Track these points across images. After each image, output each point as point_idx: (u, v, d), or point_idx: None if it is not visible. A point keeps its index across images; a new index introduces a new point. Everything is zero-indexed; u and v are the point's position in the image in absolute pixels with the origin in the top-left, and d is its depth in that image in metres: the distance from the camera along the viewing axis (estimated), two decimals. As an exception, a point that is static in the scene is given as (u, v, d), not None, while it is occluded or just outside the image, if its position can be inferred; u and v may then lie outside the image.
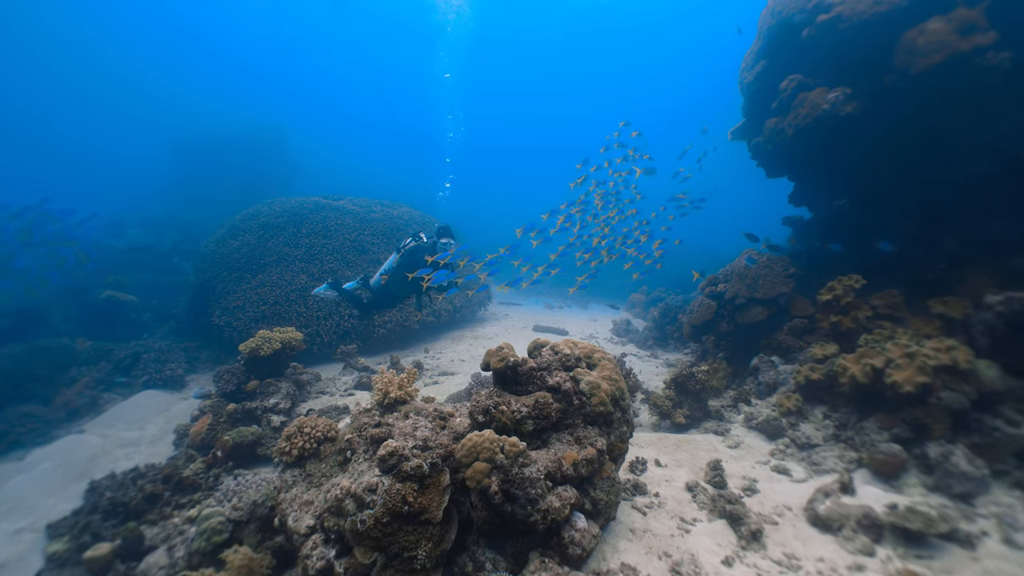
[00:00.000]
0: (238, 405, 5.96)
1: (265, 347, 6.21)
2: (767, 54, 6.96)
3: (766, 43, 6.90)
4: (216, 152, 23.95)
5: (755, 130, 7.65)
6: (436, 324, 10.60)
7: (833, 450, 4.93)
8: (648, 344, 10.03)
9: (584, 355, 3.62)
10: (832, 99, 5.92)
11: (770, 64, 6.91)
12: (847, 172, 6.41)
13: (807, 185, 7.34)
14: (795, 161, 6.79)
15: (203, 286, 10.20)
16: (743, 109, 8.23)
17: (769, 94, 6.93)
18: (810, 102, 6.10)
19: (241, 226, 10.77)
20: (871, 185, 6.40)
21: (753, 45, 7.47)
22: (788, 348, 6.38)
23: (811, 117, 6.07)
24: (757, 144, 7.34)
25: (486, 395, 3.23)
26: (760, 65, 7.04)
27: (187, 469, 5.20)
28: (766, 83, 7.03)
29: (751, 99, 7.48)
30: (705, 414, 5.85)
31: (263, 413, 5.92)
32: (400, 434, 3.21)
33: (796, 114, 6.27)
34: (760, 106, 7.31)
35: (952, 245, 5.99)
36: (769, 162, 7.31)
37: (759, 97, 7.26)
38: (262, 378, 6.43)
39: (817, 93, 6.07)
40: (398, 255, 7.25)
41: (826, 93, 6.02)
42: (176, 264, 15.96)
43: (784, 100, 6.55)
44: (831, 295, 5.95)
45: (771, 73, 6.91)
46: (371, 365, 8.46)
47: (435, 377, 7.61)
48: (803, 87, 6.34)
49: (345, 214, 11.08)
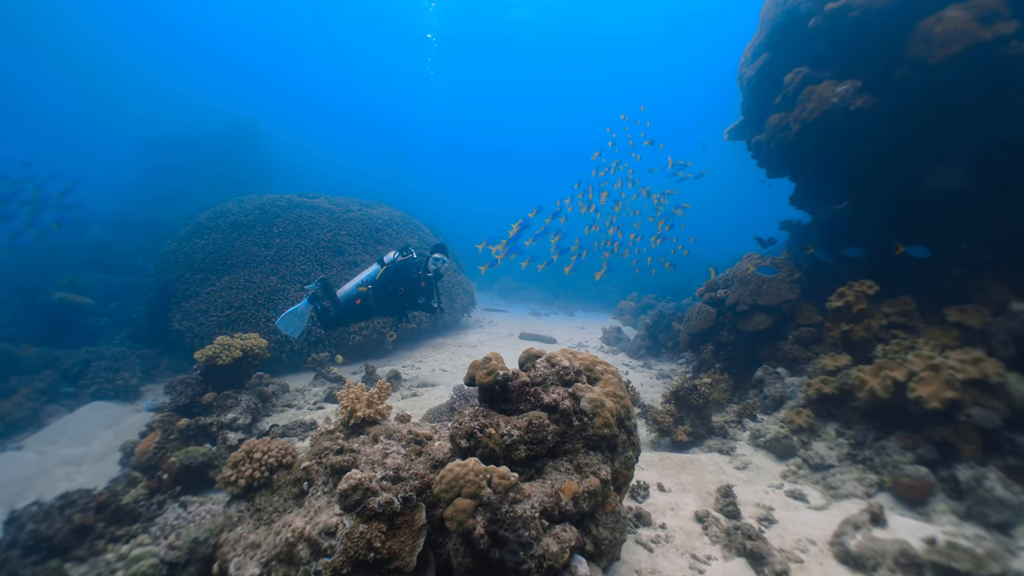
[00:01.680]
0: (191, 420, 5.33)
1: (223, 355, 5.59)
2: (770, 46, 6.59)
3: (769, 35, 6.53)
4: (188, 147, 23.04)
5: (756, 127, 7.27)
6: (416, 331, 10.02)
7: (851, 472, 4.49)
8: (640, 353, 9.58)
9: (585, 367, 3.12)
10: (842, 92, 5.55)
11: (773, 57, 6.53)
12: (855, 171, 6.04)
13: (811, 186, 6.97)
14: (799, 160, 6.41)
15: (163, 288, 9.48)
16: (742, 106, 7.86)
17: (772, 89, 6.56)
18: (818, 96, 5.73)
19: (207, 224, 10.09)
20: (880, 185, 6.05)
21: (754, 38, 7.11)
22: (794, 359, 5.96)
23: (819, 112, 5.69)
24: (758, 142, 6.96)
25: (470, 415, 2.70)
26: (762, 58, 6.67)
27: (127, 495, 4.58)
28: (768, 77, 6.65)
29: (751, 95, 7.11)
30: (708, 431, 5.39)
31: (219, 430, 5.29)
32: (367, 462, 2.66)
33: (802, 109, 5.89)
34: (761, 102, 6.94)
35: (966, 250, 5.64)
36: (771, 161, 6.93)
37: (760, 92, 6.89)
38: (220, 389, 5.80)
39: (825, 86, 5.70)
40: (382, 267, 6.76)
41: (835, 86, 5.65)
42: (140, 265, 15.12)
43: (789, 94, 6.17)
44: (842, 302, 5.54)
45: (774, 67, 6.54)
46: (344, 375, 7.85)
47: (414, 389, 7.04)
48: (809, 80, 5.97)
49: (320, 213, 10.47)
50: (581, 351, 3.26)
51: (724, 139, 8.77)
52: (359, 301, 6.70)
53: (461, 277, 12.80)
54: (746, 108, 7.66)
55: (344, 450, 2.71)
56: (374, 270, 6.84)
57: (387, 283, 6.69)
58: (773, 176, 7.38)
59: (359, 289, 6.71)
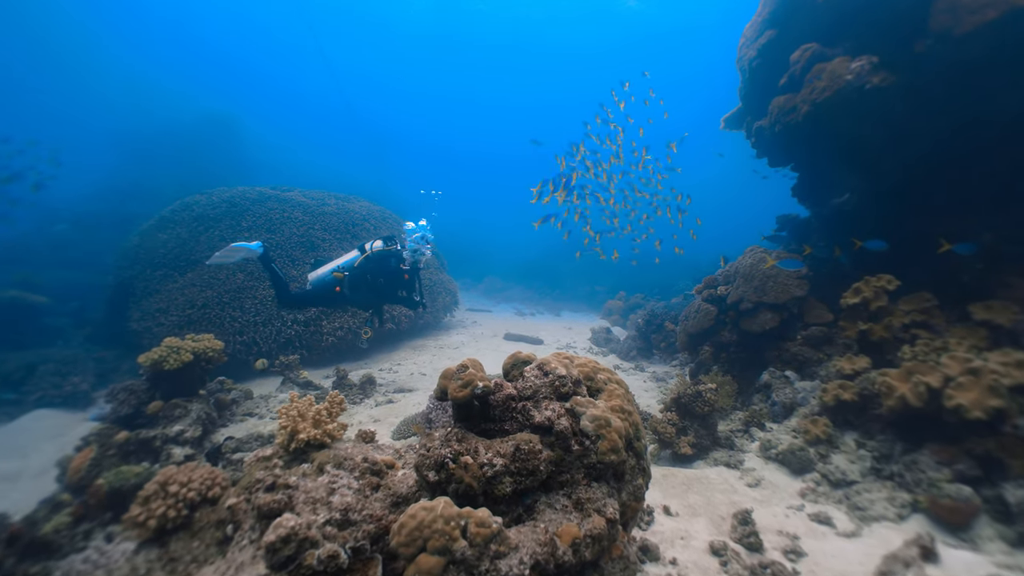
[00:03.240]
0: (131, 433, 4.68)
1: (171, 359, 4.95)
2: (775, 22, 6.09)
3: (775, 10, 6.04)
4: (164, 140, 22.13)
5: (756, 113, 6.78)
6: (395, 332, 9.39)
7: (878, 490, 3.98)
8: (632, 355, 9.06)
9: (584, 376, 2.55)
10: (857, 69, 5.05)
11: (780, 34, 6.04)
12: (869, 157, 5.57)
13: (818, 175, 6.50)
14: (807, 145, 5.92)
15: (122, 286, 8.77)
16: (740, 92, 7.37)
17: (776, 69, 6.06)
18: (829, 73, 5.23)
19: (172, 218, 9.38)
20: (894, 173, 5.58)
21: (756, 16, 6.61)
22: (804, 361, 5.46)
23: (831, 90, 5.20)
24: (759, 128, 6.47)
25: (441, 439, 2.13)
26: (766, 36, 6.17)
27: (49, 523, 3.93)
28: (772, 57, 6.16)
29: (753, 77, 6.61)
30: (714, 442, 4.86)
31: (163, 444, 4.65)
32: (307, 501, 2.07)
33: (812, 88, 5.39)
34: (763, 84, 6.45)
35: (990, 241, 5.18)
36: (773, 148, 6.44)
37: (763, 74, 6.39)
38: (170, 397, 5.15)
39: (838, 63, 5.21)
40: (362, 255, 6.18)
41: (849, 62, 5.16)
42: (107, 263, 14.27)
43: (796, 74, 5.68)
44: (858, 298, 5.05)
45: (779, 44, 6.04)
46: (316, 379, 7.22)
47: (389, 394, 6.44)
48: (819, 58, 5.47)
49: (294, 206, 9.79)
50: (579, 355, 2.70)
51: (720, 128, 8.27)
52: (338, 288, 6.12)
53: (443, 275, 12.20)
54: (745, 93, 7.17)
55: (277, 486, 2.11)
56: (354, 257, 6.26)
57: (366, 272, 6.16)
58: (775, 165, 6.89)
59: (334, 275, 6.10)
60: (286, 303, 6.23)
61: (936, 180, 5.44)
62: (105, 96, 37.71)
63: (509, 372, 2.52)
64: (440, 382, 2.30)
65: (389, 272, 6.26)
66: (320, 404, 2.53)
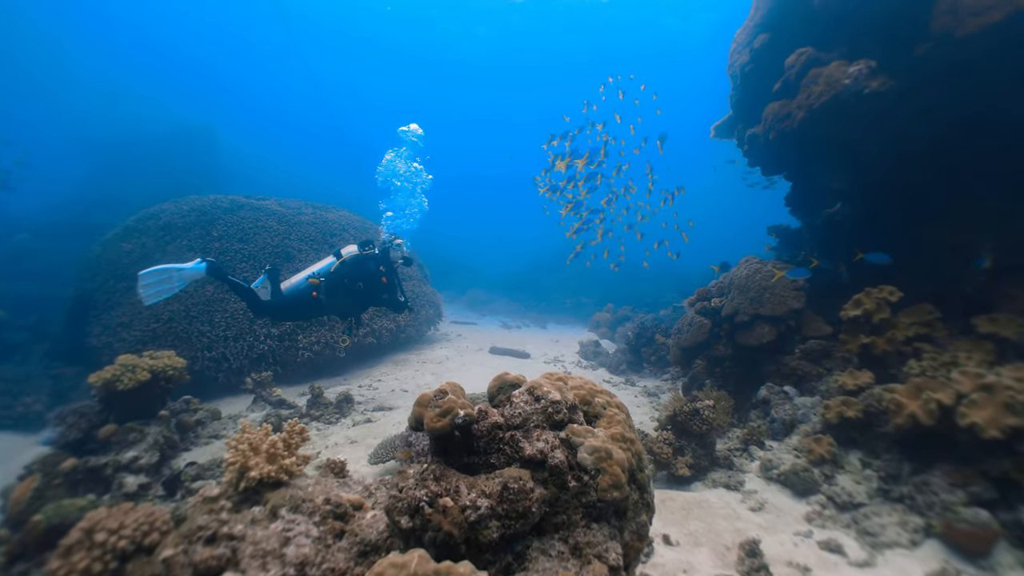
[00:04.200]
0: (80, 461, 4.26)
1: (126, 378, 4.54)
2: (769, 26, 5.95)
3: (768, 13, 5.90)
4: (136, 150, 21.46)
5: (748, 120, 6.63)
6: (376, 346, 9.00)
7: (887, 513, 3.73)
8: (621, 368, 8.79)
9: (580, 400, 2.26)
10: (855, 73, 4.90)
11: (773, 39, 5.89)
12: (867, 164, 5.42)
13: (813, 183, 6.33)
14: (802, 153, 5.76)
15: (82, 298, 8.28)
16: (731, 99, 7.23)
17: (769, 74, 5.92)
18: (826, 78, 5.08)
19: (137, 227, 8.92)
20: (894, 180, 5.43)
21: (748, 20, 6.48)
22: (803, 376, 5.23)
23: (828, 95, 5.04)
24: (752, 136, 6.30)
25: (416, 478, 1.81)
26: (759, 40, 6.03)
27: (-22, 564, 3.51)
28: (765, 62, 6.01)
29: (745, 83, 6.45)
30: (712, 462, 4.58)
31: (115, 472, 4.23)
32: (255, 555, 1.73)
33: (808, 93, 5.23)
34: (756, 90, 6.30)
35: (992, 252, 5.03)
36: (767, 155, 6.27)
37: (755, 80, 6.24)
38: (125, 420, 4.72)
39: (835, 67, 5.05)
40: (338, 260, 5.88)
41: (846, 67, 5.00)
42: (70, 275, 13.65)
43: (791, 79, 5.52)
44: (859, 311, 4.84)
45: (772, 49, 5.90)
46: (290, 397, 6.82)
47: (368, 413, 6.07)
48: (815, 62, 5.32)
49: (268, 215, 9.40)
50: (573, 375, 2.41)
51: (710, 137, 8.12)
52: (315, 294, 5.78)
53: (427, 287, 11.85)
54: (737, 100, 7.02)
55: (219, 537, 1.77)
56: (329, 263, 5.95)
57: (343, 276, 5.88)
58: (768, 174, 6.74)
59: (309, 281, 5.77)
60: (260, 311, 5.86)
61: (935, 188, 5.29)
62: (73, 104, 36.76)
63: (495, 396, 2.22)
64: (415, 410, 1.99)
65: (368, 275, 6.00)
66: (277, 434, 2.19)
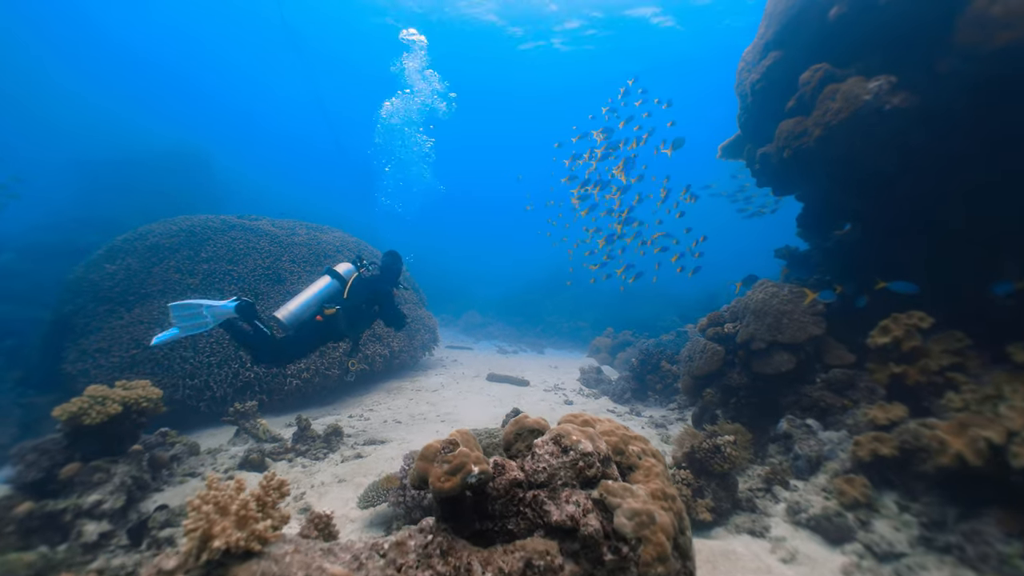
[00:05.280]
0: (37, 505, 3.83)
1: (94, 412, 4.14)
2: (781, 43, 5.77)
3: (780, 30, 5.72)
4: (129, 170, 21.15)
5: (758, 139, 6.42)
6: (368, 373, 8.60)
7: (936, 566, 3.37)
8: (626, 397, 8.41)
9: (612, 448, 1.91)
10: (874, 89, 4.69)
11: (785, 55, 5.71)
12: (885, 184, 5.18)
13: (827, 203, 6.10)
14: (816, 172, 5.51)
15: (61, 322, 7.87)
16: (739, 118, 7.03)
17: (781, 92, 5.72)
18: (844, 94, 4.86)
19: (123, 247, 8.57)
20: (914, 200, 5.19)
21: (757, 38, 6.32)
22: (827, 408, 4.89)
23: (846, 112, 4.82)
24: (764, 155, 6.08)
25: (418, 554, 1.45)
26: (770, 58, 5.84)
27: (-93, 630, 3.08)
28: (777, 79, 5.82)
29: (755, 101, 6.26)
30: (734, 504, 4.21)
31: (75, 518, 3.80)
32: (212, 656, 1.36)
33: (825, 110, 5.02)
34: (766, 109, 6.10)
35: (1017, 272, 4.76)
36: (779, 175, 6.03)
37: (766, 98, 6.05)
38: (93, 457, 4.31)
39: (853, 83, 4.85)
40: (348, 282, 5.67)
41: (864, 83, 4.80)
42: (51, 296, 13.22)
43: (805, 96, 5.32)
44: (888, 338, 4.53)
45: (785, 66, 5.71)
46: (276, 428, 6.40)
47: (358, 447, 5.65)
48: (831, 79, 5.12)
49: (260, 236, 9.08)
50: (601, 417, 2.06)
51: (716, 157, 7.92)
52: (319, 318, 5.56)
53: (422, 311, 11.49)
54: (745, 120, 6.83)
55: (165, 636, 1.39)
56: (329, 285, 5.64)
57: (361, 301, 5.70)
58: (780, 194, 6.50)
59: (326, 312, 5.50)
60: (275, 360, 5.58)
61: (956, 208, 5.04)
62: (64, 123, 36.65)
63: (512, 444, 1.86)
64: (418, 465, 1.63)
65: (385, 296, 5.94)
66: (251, 492, 1.83)
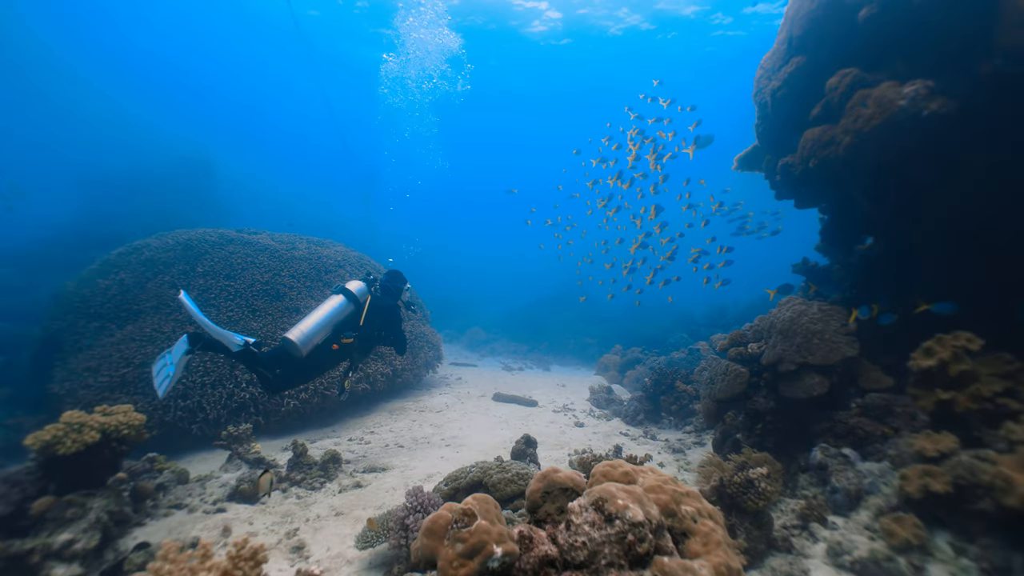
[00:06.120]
0: (2, 545, 3.48)
1: (68, 441, 3.80)
2: (804, 48, 5.49)
3: (804, 35, 5.44)
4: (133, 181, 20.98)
5: (780, 149, 6.12)
6: (370, 393, 8.24)
7: (1007, 623, 2.98)
8: (639, 419, 8.02)
9: (663, 509, 1.56)
10: (910, 94, 4.38)
11: (810, 61, 5.42)
12: (919, 195, 4.86)
13: (853, 216, 5.77)
14: (844, 183, 5.20)
15: (51, 339, 7.58)
16: (757, 128, 6.75)
17: (805, 99, 5.43)
18: (877, 99, 4.56)
19: (117, 262, 8.30)
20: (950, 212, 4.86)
21: (777, 44, 6.05)
22: (864, 436, 4.51)
23: (879, 118, 4.51)
24: (786, 165, 5.77)
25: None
26: (793, 63, 5.56)
27: None
28: (801, 85, 5.53)
29: (776, 109, 5.97)
30: (769, 544, 3.82)
31: (43, 560, 3.45)
32: None
33: (856, 117, 4.71)
34: (789, 117, 5.81)
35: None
36: (803, 186, 5.71)
37: (789, 105, 5.75)
38: (69, 489, 3.96)
39: (887, 88, 4.54)
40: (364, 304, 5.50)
41: (899, 87, 4.49)
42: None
43: (833, 103, 5.02)
44: (933, 360, 4.16)
45: (809, 72, 5.42)
46: (272, 452, 6.05)
47: (357, 475, 5.28)
48: (861, 84, 4.82)
49: (259, 250, 8.79)
50: (645, 467, 1.72)
51: (732, 168, 7.62)
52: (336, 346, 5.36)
53: (426, 327, 11.15)
54: (764, 129, 6.54)
55: None
56: (342, 306, 5.40)
57: (375, 324, 5.56)
58: (803, 206, 6.19)
59: (343, 341, 5.29)
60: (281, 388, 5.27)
61: (996, 221, 4.71)
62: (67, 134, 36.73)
63: (539, 506, 1.52)
64: (424, 543, 1.28)
65: (396, 318, 5.83)
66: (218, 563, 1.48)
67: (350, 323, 5.42)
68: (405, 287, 6.19)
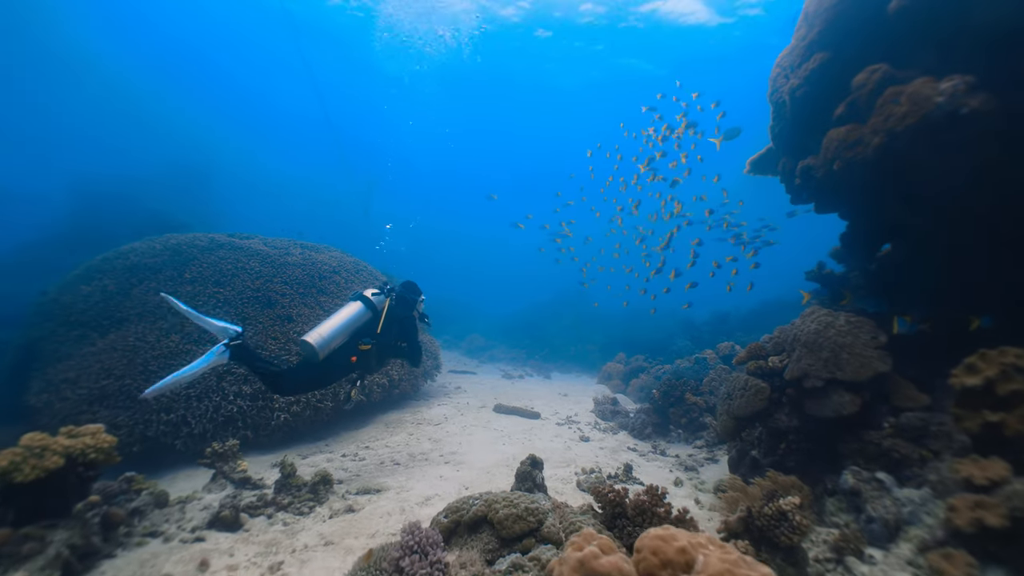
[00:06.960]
0: (-52, 586, 3.11)
1: (27, 467, 3.43)
2: (827, 43, 5.17)
3: (826, 29, 5.13)
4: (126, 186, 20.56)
5: (798, 151, 5.80)
6: (366, 404, 7.87)
7: None
8: (646, 432, 7.66)
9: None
10: (948, 90, 4.06)
11: (833, 58, 5.10)
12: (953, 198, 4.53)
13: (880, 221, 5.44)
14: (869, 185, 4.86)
15: (29, 348, 7.21)
16: (772, 130, 6.43)
17: (828, 98, 5.10)
18: (910, 96, 4.23)
19: (101, 267, 7.93)
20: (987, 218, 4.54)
21: (795, 40, 5.72)
22: (901, 459, 4.16)
23: (914, 116, 4.18)
24: (807, 168, 5.44)
25: None
26: (815, 60, 5.23)
27: None
28: (823, 84, 5.21)
29: (796, 109, 5.64)
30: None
31: (-6, 603, 3.08)
32: None
33: (887, 115, 4.38)
34: (809, 117, 5.48)
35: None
36: (825, 189, 5.38)
37: (810, 105, 5.43)
38: (26, 521, 3.58)
39: (921, 84, 4.22)
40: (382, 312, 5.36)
41: (935, 83, 4.17)
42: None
43: (860, 101, 4.69)
44: (978, 379, 3.81)
45: (832, 69, 5.10)
46: (260, 469, 5.67)
47: (350, 498, 4.91)
48: (891, 80, 4.50)
49: (250, 256, 8.42)
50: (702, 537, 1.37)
51: (744, 172, 7.30)
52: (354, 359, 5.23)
53: (424, 336, 10.79)
54: (780, 130, 6.21)
55: None
56: (360, 313, 5.25)
57: (392, 332, 5.43)
58: (823, 211, 5.86)
59: (361, 348, 5.16)
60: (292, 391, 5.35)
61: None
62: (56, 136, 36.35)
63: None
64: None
65: (414, 328, 5.75)
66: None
67: (367, 330, 5.31)
68: (420, 298, 6.05)
